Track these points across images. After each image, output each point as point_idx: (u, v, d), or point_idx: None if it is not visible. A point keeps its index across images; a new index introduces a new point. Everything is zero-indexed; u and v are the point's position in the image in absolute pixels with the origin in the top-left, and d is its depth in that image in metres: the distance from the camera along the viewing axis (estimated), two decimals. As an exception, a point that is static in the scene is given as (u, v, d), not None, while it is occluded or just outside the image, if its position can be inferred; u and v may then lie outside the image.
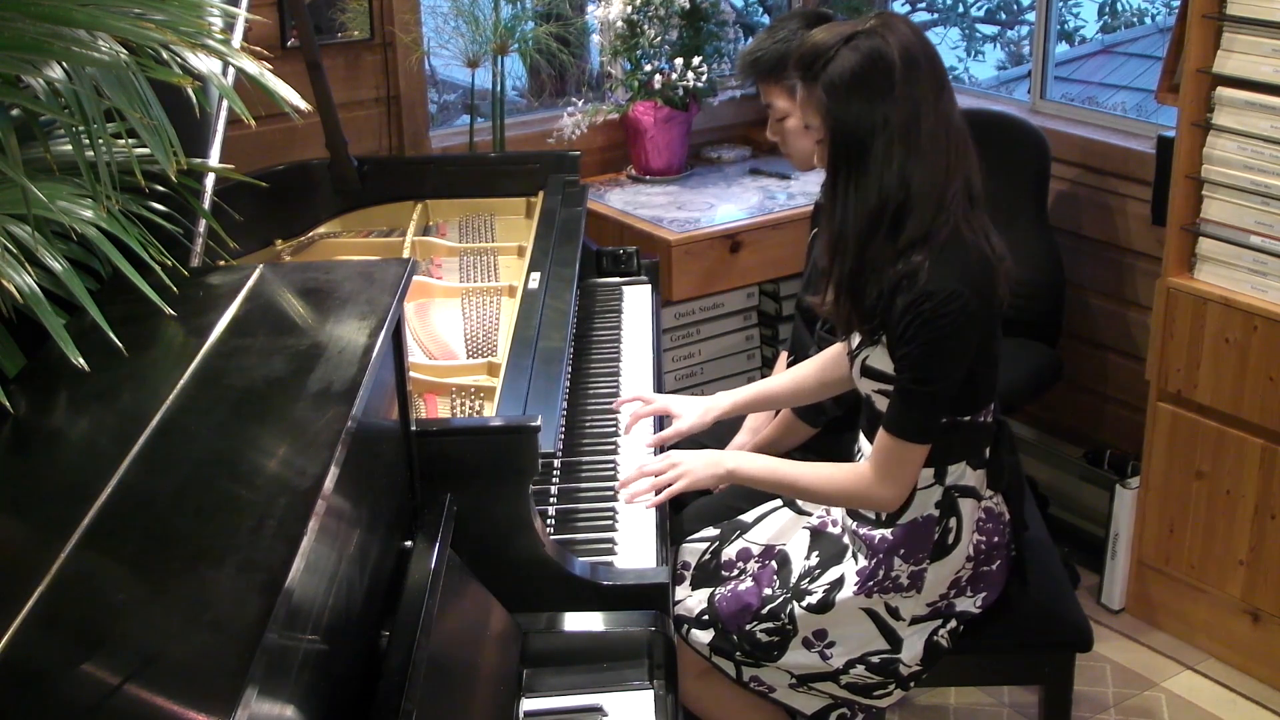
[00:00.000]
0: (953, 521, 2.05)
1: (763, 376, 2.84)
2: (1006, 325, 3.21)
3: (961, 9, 5.91)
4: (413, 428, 1.72)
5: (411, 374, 1.78)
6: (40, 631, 1.01)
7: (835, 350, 2.26)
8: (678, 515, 2.40)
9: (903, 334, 1.92)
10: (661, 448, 2.28)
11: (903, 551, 2.05)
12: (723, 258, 3.31)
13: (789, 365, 2.49)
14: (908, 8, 5.73)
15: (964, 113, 3.49)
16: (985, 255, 1.95)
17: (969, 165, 1.97)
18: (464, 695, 1.58)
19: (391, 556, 1.57)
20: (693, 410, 2.30)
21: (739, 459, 2.17)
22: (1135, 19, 6.02)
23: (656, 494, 2.09)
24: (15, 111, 1.47)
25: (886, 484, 1.99)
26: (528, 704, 1.70)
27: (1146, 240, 3.22)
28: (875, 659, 2.09)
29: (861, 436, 2.12)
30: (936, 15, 5.91)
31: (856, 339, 2.04)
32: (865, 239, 1.94)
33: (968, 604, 2.12)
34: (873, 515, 2.09)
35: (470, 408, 2.15)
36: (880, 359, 1.99)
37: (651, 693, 1.72)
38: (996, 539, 2.12)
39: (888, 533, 2.06)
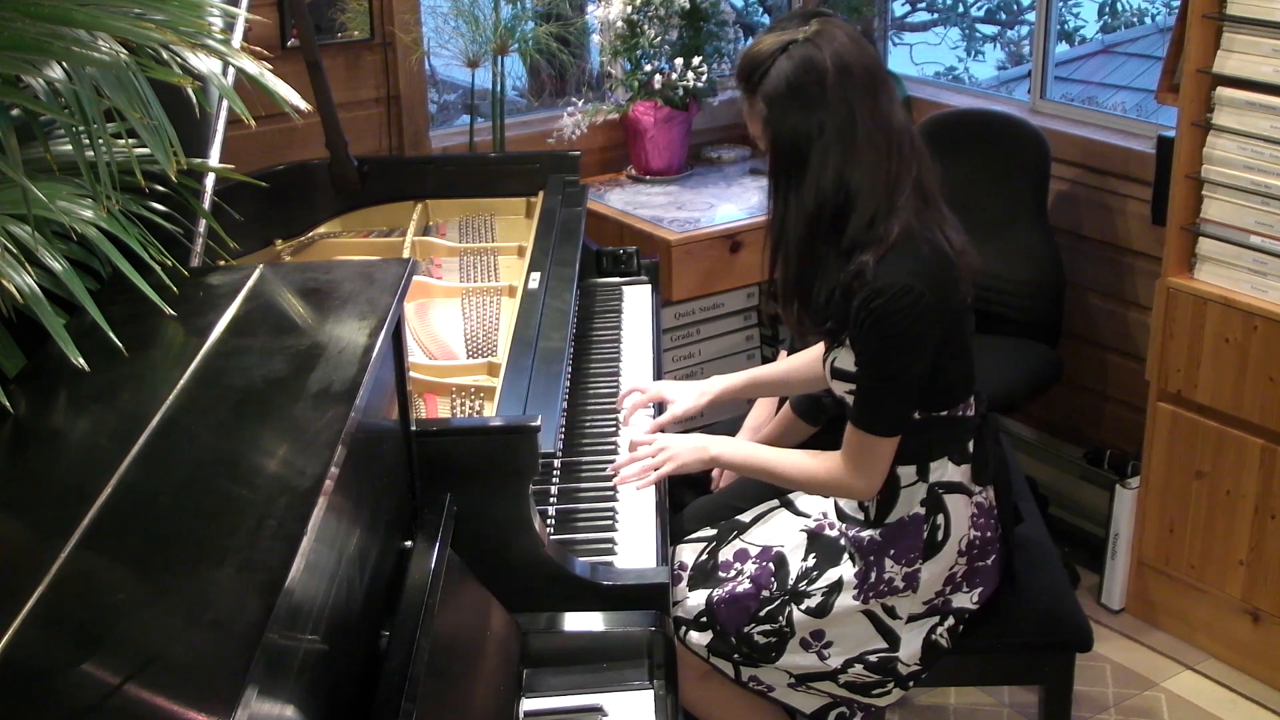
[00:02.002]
0: (940, 518, 2.06)
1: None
2: (1007, 325, 3.25)
3: (961, 9, 5.91)
4: (413, 428, 1.72)
5: (411, 374, 1.78)
6: (40, 631, 1.01)
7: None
8: (676, 515, 2.40)
9: (858, 333, 1.94)
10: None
11: (893, 553, 2.05)
12: (723, 258, 3.31)
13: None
14: (907, 8, 5.73)
15: (964, 113, 3.49)
16: (941, 250, 1.96)
17: (918, 164, 1.98)
18: (464, 695, 1.58)
19: (391, 556, 1.57)
20: (687, 395, 2.33)
21: (722, 444, 2.20)
22: (1135, 19, 6.02)
23: (653, 476, 2.13)
24: (15, 111, 1.47)
25: (858, 476, 2.02)
26: (528, 704, 1.70)
27: (1146, 240, 3.22)
28: (873, 658, 2.09)
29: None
30: (936, 15, 5.91)
31: (825, 342, 2.06)
32: (805, 243, 1.97)
33: (964, 600, 2.12)
34: (860, 515, 2.09)
35: (470, 408, 2.15)
36: (846, 360, 2.00)
37: (651, 693, 1.72)
38: (989, 533, 2.12)
39: (875, 534, 2.06)
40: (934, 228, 1.97)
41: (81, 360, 1.36)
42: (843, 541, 2.12)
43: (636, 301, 2.80)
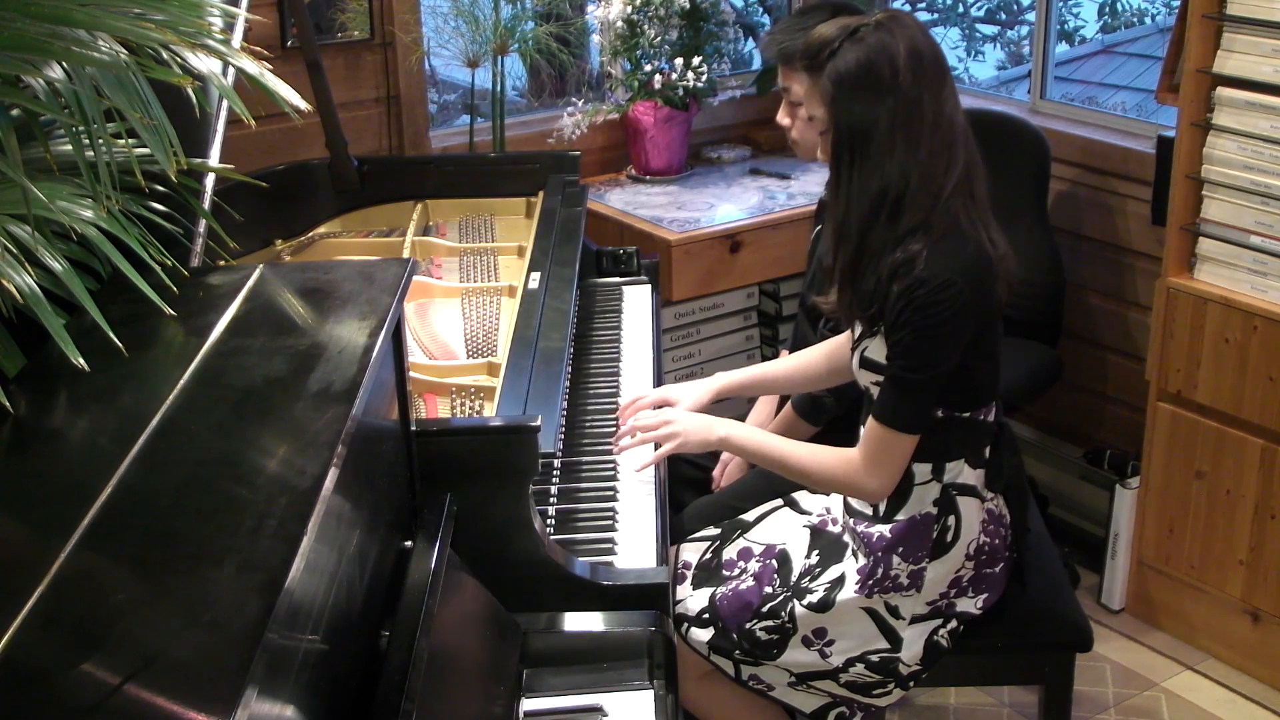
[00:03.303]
0: (951, 520, 2.06)
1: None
2: (1007, 325, 3.23)
3: (961, 9, 5.92)
4: (413, 428, 1.72)
5: (411, 374, 1.78)
6: (40, 631, 1.01)
7: (833, 342, 2.28)
8: (678, 515, 2.40)
9: (895, 320, 1.94)
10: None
11: (901, 550, 2.05)
12: (723, 258, 3.31)
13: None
14: (908, 7, 5.73)
15: (964, 113, 3.49)
16: (984, 249, 1.96)
17: (970, 161, 1.99)
18: (464, 695, 1.58)
19: (391, 556, 1.57)
20: (690, 394, 2.33)
21: (731, 427, 2.18)
22: (1135, 19, 6.02)
23: (654, 455, 2.13)
24: (15, 111, 1.47)
25: (873, 473, 2.01)
26: (528, 704, 1.70)
27: (1146, 240, 3.22)
28: (875, 658, 2.09)
29: (861, 431, 2.12)
30: (936, 15, 5.91)
31: (858, 329, 2.06)
32: (867, 226, 1.96)
33: (969, 604, 2.12)
34: (869, 511, 2.09)
35: (470, 408, 2.15)
36: (878, 350, 2.00)
37: (651, 693, 1.72)
38: (998, 541, 2.12)
39: (885, 530, 2.06)
40: (979, 226, 1.98)
41: (81, 360, 1.36)
42: (846, 537, 2.12)
43: (636, 301, 2.80)
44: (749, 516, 2.29)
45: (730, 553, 2.23)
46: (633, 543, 1.99)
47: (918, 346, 1.93)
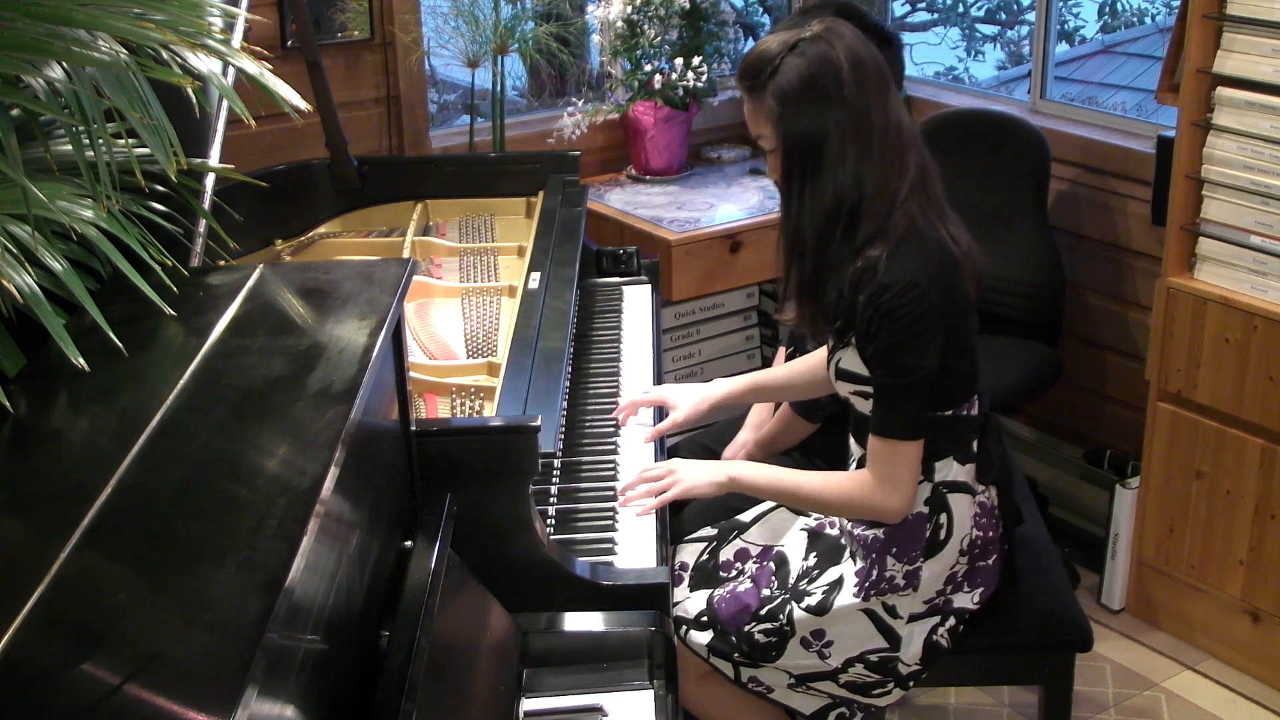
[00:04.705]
0: (943, 517, 2.06)
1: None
2: (1006, 325, 3.25)
3: (961, 9, 5.91)
4: (413, 428, 1.72)
5: (411, 374, 1.78)
6: (40, 631, 1.01)
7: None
8: (676, 516, 2.40)
9: (867, 330, 1.94)
10: (660, 441, 2.30)
11: (895, 550, 2.05)
12: (723, 258, 3.31)
13: (788, 359, 2.51)
14: (907, 8, 5.73)
15: (964, 113, 3.50)
16: (946, 248, 1.97)
17: (922, 163, 2.00)
18: (464, 695, 1.58)
19: (391, 556, 1.57)
20: (688, 399, 2.33)
21: (741, 468, 2.18)
22: (1135, 19, 6.02)
23: (657, 500, 2.10)
24: (15, 111, 1.47)
25: (888, 490, 2.00)
26: (528, 704, 1.70)
27: (1146, 240, 3.22)
28: (874, 657, 2.09)
29: (851, 439, 2.12)
30: (936, 15, 5.91)
31: (830, 342, 2.06)
32: (823, 240, 1.97)
33: (965, 600, 2.12)
34: (864, 514, 2.09)
35: (470, 408, 2.15)
36: (852, 360, 2.00)
37: (651, 693, 1.72)
38: (991, 533, 2.12)
39: (879, 532, 2.06)
40: (938, 225, 1.98)
41: (81, 360, 1.36)
42: (843, 540, 2.12)
43: (636, 301, 2.80)
44: (746, 517, 2.29)
45: (727, 554, 2.23)
46: (633, 543, 1.99)
47: (894, 351, 1.94)
